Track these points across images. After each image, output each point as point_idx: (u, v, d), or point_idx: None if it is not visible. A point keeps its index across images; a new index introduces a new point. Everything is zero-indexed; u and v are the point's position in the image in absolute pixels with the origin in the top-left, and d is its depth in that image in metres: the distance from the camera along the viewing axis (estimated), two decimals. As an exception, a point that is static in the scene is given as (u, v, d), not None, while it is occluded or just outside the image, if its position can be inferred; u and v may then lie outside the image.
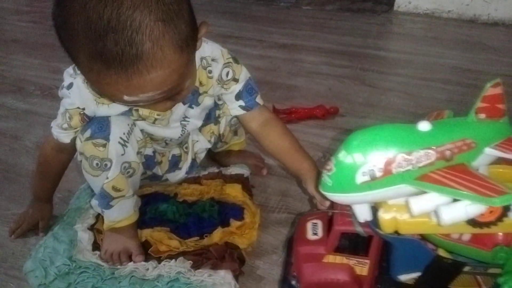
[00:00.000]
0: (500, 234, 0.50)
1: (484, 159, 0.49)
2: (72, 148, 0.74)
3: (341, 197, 0.50)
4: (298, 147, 0.79)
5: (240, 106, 0.80)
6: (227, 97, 0.80)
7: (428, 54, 1.65)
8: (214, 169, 0.94)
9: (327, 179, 0.49)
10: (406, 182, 0.47)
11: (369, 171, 0.46)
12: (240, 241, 0.76)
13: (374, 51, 1.71)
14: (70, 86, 0.70)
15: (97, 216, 0.81)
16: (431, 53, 1.65)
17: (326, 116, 1.21)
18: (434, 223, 0.49)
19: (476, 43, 1.75)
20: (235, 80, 0.78)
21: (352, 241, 0.58)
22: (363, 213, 0.53)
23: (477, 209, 0.45)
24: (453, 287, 0.55)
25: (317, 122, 1.19)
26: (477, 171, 0.47)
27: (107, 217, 0.75)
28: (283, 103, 1.26)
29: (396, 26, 2.00)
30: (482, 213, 0.47)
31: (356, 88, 1.41)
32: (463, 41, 1.78)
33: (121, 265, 0.73)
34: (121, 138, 0.70)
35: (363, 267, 0.57)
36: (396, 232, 0.52)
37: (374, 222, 0.52)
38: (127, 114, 0.73)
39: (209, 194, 0.87)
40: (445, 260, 0.53)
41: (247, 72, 0.79)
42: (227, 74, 0.77)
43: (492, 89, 0.47)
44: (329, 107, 1.22)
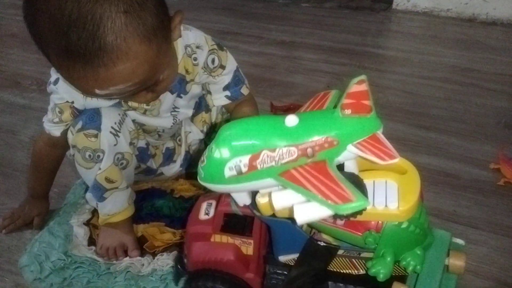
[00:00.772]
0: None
1: (349, 154, 0.49)
2: (65, 143, 0.74)
3: (214, 187, 0.51)
4: None
5: (226, 96, 0.80)
6: (215, 87, 0.80)
7: (427, 52, 1.64)
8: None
9: (201, 170, 0.50)
10: (271, 177, 0.48)
11: (235, 166, 0.47)
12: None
13: (373, 49, 1.70)
14: (56, 81, 0.70)
15: (93, 211, 0.81)
16: (430, 52, 1.65)
17: (324, 114, 1.20)
18: None
19: (474, 42, 1.75)
20: (222, 67, 0.77)
21: (239, 222, 0.59)
22: (242, 199, 0.54)
23: (328, 211, 0.45)
24: (331, 269, 0.56)
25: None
26: (336, 170, 0.47)
27: (101, 210, 0.75)
28: (282, 100, 1.26)
29: (395, 24, 2.00)
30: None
31: (354, 86, 1.40)
32: (462, 39, 1.78)
33: (117, 260, 0.73)
34: (112, 127, 0.70)
35: (248, 246, 0.58)
36: (274, 215, 0.52)
37: (254, 205, 0.53)
38: (117, 105, 0.73)
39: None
40: (318, 243, 0.54)
41: (234, 61, 0.79)
42: (212, 61, 0.76)
43: (357, 85, 0.46)
44: (327, 104, 1.22)
